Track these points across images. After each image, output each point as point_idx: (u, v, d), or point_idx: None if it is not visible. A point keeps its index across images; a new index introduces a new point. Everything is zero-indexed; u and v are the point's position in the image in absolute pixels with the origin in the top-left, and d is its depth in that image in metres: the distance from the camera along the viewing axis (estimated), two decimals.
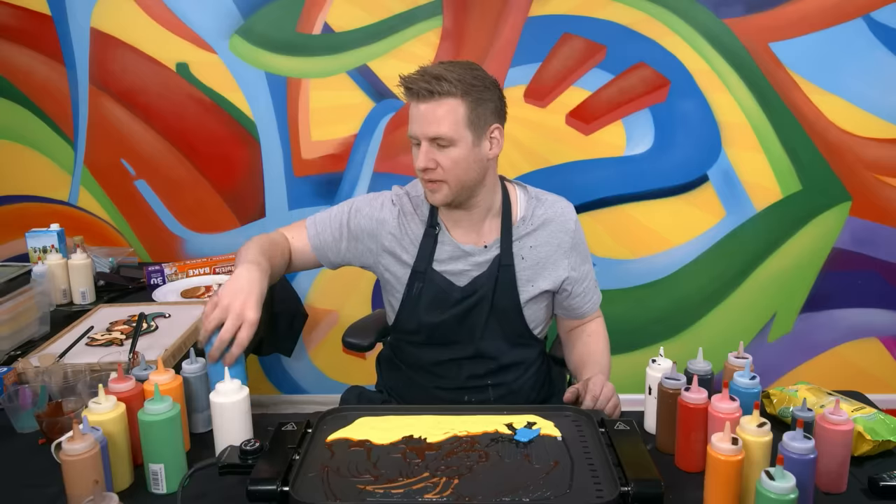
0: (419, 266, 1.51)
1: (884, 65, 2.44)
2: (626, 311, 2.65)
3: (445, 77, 1.37)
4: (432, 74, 1.37)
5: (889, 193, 2.55)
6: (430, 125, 1.38)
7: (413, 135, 1.42)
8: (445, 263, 1.51)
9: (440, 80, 1.36)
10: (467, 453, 1.12)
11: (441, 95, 1.37)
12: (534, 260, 1.52)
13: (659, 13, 2.43)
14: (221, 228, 2.67)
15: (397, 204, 1.55)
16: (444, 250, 1.51)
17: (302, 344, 2.75)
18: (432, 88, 1.37)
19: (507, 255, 1.50)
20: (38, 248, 2.15)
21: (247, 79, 2.54)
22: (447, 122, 1.38)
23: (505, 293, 1.51)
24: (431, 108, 1.38)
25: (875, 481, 1.10)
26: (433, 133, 1.39)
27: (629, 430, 1.15)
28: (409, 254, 1.52)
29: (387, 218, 1.53)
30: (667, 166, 2.55)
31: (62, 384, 1.33)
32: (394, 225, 1.53)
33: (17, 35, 2.54)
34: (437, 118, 1.38)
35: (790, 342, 2.70)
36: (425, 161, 1.40)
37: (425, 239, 1.51)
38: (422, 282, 1.52)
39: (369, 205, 1.55)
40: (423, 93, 1.37)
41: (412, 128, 1.42)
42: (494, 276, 1.50)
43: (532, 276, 1.52)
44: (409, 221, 1.53)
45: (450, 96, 1.37)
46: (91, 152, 2.63)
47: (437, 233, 1.52)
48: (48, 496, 1.11)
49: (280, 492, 0.99)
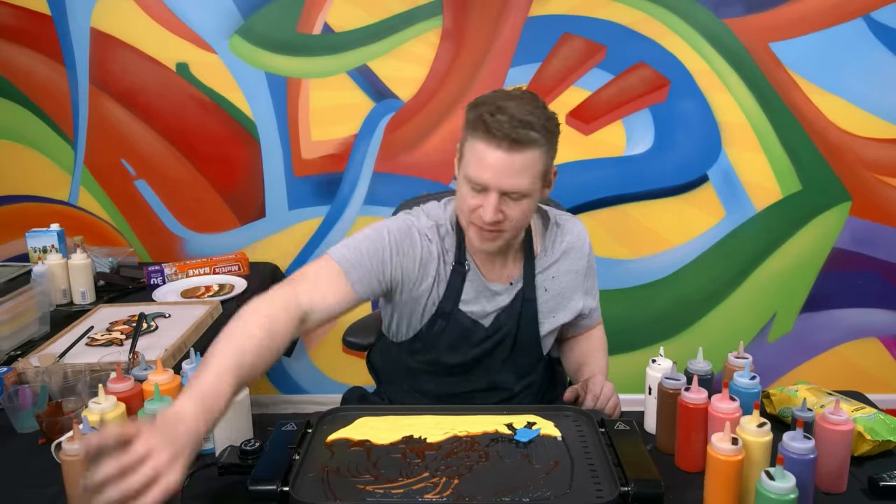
0: (445, 306, 1.40)
1: (884, 65, 2.44)
2: (626, 311, 2.65)
3: (534, 125, 1.22)
4: (520, 119, 1.20)
5: (889, 193, 2.55)
6: (509, 178, 1.23)
7: (482, 182, 1.24)
8: (472, 304, 1.41)
9: (528, 128, 1.21)
10: (467, 453, 1.12)
11: (526, 146, 1.22)
12: (555, 291, 1.47)
13: (659, 13, 2.43)
14: (221, 228, 2.67)
15: (433, 241, 1.39)
16: (472, 289, 1.41)
17: (302, 344, 2.75)
18: (519, 137, 1.21)
19: (529, 290, 1.43)
20: (38, 248, 2.15)
21: (247, 79, 2.54)
22: (528, 175, 1.24)
23: (526, 328, 1.45)
24: (513, 158, 1.22)
25: (875, 481, 1.10)
26: (511, 187, 1.24)
27: (629, 430, 1.15)
28: (439, 291, 1.40)
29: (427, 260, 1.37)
30: (667, 166, 2.55)
31: (62, 384, 1.33)
32: (433, 267, 1.38)
33: (17, 35, 2.54)
34: (517, 171, 1.23)
35: (790, 342, 2.70)
36: (494, 214, 1.25)
37: (453, 276, 1.39)
38: (445, 321, 1.41)
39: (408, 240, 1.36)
40: (509, 141, 1.21)
41: (481, 174, 1.23)
42: (518, 311, 1.43)
43: (553, 307, 1.47)
44: (446, 261, 1.40)
45: (534, 147, 1.23)
46: (91, 152, 2.63)
47: (467, 271, 1.40)
48: (48, 496, 1.11)
49: (280, 492, 0.99)
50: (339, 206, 2.62)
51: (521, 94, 1.27)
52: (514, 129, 1.21)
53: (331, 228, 2.63)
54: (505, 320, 1.43)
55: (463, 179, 1.29)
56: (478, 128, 1.23)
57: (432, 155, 2.57)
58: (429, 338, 1.44)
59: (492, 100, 1.25)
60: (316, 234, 2.64)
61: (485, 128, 1.22)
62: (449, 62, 2.49)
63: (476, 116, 1.24)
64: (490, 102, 1.24)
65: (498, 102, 1.23)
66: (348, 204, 2.62)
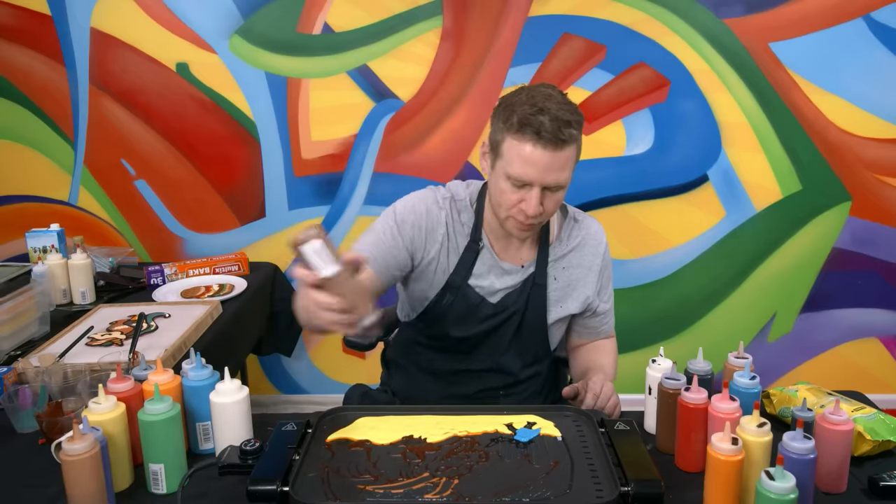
0: (455, 280, 1.46)
1: (884, 65, 2.44)
2: (626, 311, 2.65)
3: (573, 124, 1.29)
4: (563, 120, 1.27)
5: (889, 193, 2.55)
6: (552, 173, 1.30)
7: (527, 179, 1.30)
8: (481, 278, 1.47)
9: (569, 127, 1.28)
10: (467, 453, 1.12)
11: (568, 143, 1.29)
12: (565, 281, 1.51)
13: (659, 13, 2.43)
14: (221, 228, 2.67)
15: (443, 209, 1.47)
16: (483, 265, 1.47)
17: (302, 344, 2.75)
18: (564, 136, 1.28)
19: (541, 275, 1.48)
20: (38, 248, 2.15)
21: (247, 79, 2.54)
22: (567, 169, 1.32)
23: (534, 312, 1.50)
24: (557, 156, 1.29)
25: (875, 481, 1.10)
26: (555, 182, 1.32)
27: (629, 430, 1.15)
28: (450, 264, 1.47)
29: (434, 226, 1.46)
30: (667, 166, 2.55)
31: (62, 384, 1.33)
32: (441, 234, 1.46)
33: (17, 35, 2.54)
34: (561, 166, 1.30)
35: (790, 342, 2.70)
36: (537, 208, 1.32)
37: (466, 252, 1.46)
38: (454, 295, 1.47)
39: (413, 212, 1.46)
40: (555, 140, 1.27)
41: (527, 172, 1.30)
42: (527, 294, 1.48)
43: (561, 297, 1.51)
44: (454, 232, 1.47)
45: (574, 143, 1.31)
46: (91, 152, 2.63)
47: (481, 248, 1.47)
48: (48, 496, 1.11)
49: (280, 492, 0.99)
50: (339, 206, 2.62)
51: (551, 92, 1.32)
52: (559, 129, 1.27)
53: (331, 228, 2.64)
54: (513, 300, 1.48)
55: (502, 176, 1.34)
56: (522, 129, 1.28)
57: (432, 155, 2.57)
58: (437, 310, 1.49)
59: (528, 99, 1.30)
60: None
61: (530, 129, 1.27)
62: (449, 62, 2.49)
63: (519, 119, 1.29)
64: (528, 102, 1.30)
65: (538, 103, 1.29)
66: (348, 204, 2.62)
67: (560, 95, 1.33)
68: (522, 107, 1.29)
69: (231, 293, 2.10)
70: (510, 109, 1.31)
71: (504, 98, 1.36)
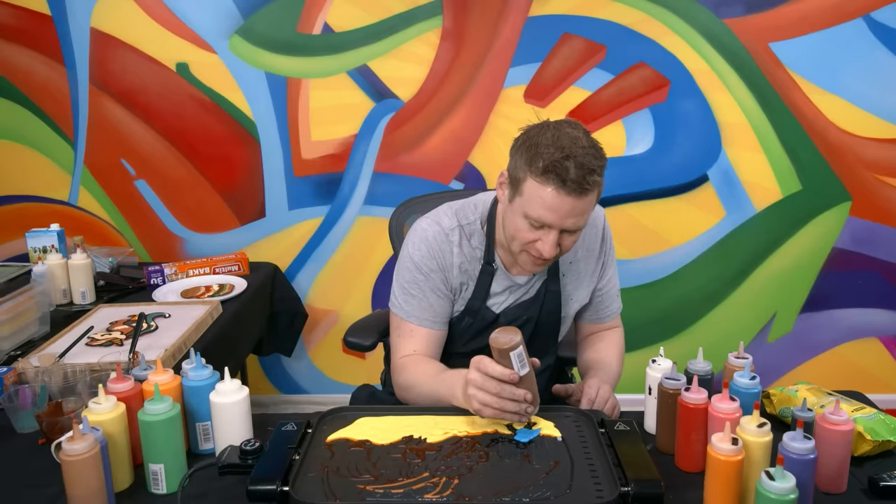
0: (473, 304, 1.47)
1: (884, 65, 2.44)
2: (627, 311, 2.61)
3: (597, 171, 1.27)
4: (589, 168, 1.25)
5: (889, 193, 2.55)
6: (573, 219, 1.29)
7: (546, 222, 1.29)
8: (497, 297, 1.49)
9: (594, 175, 1.26)
10: (467, 453, 1.12)
11: (591, 191, 1.28)
12: (573, 276, 1.52)
13: (659, 13, 2.43)
14: (221, 228, 2.67)
15: (453, 241, 1.45)
16: (499, 286, 1.48)
17: (302, 344, 2.75)
18: (589, 185, 1.26)
19: (553, 282, 1.49)
20: (38, 248, 2.15)
21: (247, 79, 2.54)
22: (588, 213, 1.32)
23: (548, 318, 1.51)
24: (579, 203, 1.27)
25: (875, 481, 1.10)
26: (574, 227, 1.30)
27: (629, 430, 1.15)
28: (468, 289, 1.47)
29: (447, 266, 1.45)
30: (667, 166, 2.55)
31: (62, 384, 1.33)
32: (455, 273, 1.45)
33: (17, 35, 2.54)
34: (581, 212, 1.29)
35: (790, 342, 2.70)
36: (553, 250, 1.31)
37: (482, 276, 1.46)
38: (472, 318, 1.48)
39: (427, 254, 1.44)
40: (579, 190, 1.25)
41: (547, 215, 1.28)
42: (541, 301, 1.49)
43: (571, 291, 1.52)
44: (469, 257, 1.46)
45: (596, 188, 1.29)
46: (91, 152, 2.63)
47: (495, 270, 1.47)
48: (48, 496, 1.11)
49: (280, 492, 1.00)
50: (339, 206, 2.62)
51: (578, 135, 1.28)
52: (584, 178, 1.25)
53: (331, 228, 2.64)
54: (526, 308, 1.49)
55: (520, 213, 1.32)
56: (547, 173, 1.25)
57: (432, 155, 2.57)
58: (454, 332, 1.51)
59: (555, 142, 1.26)
60: (316, 234, 2.64)
61: (556, 176, 1.25)
62: (449, 62, 2.49)
63: (546, 163, 1.25)
64: (554, 146, 1.26)
65: (565, 150, 1.25)
66: (348, 204, 2.62)
67: (586, 138, 1.29)
68: (548, 149, 1.26)
69: (231, 293, 2.10)
70: (535, 150, 1.27)
71: (528, 133, 1.32)
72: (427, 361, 1.42)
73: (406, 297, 1.46)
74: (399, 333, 1.47)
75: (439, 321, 1.46)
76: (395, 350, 1.48)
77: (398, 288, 1.47)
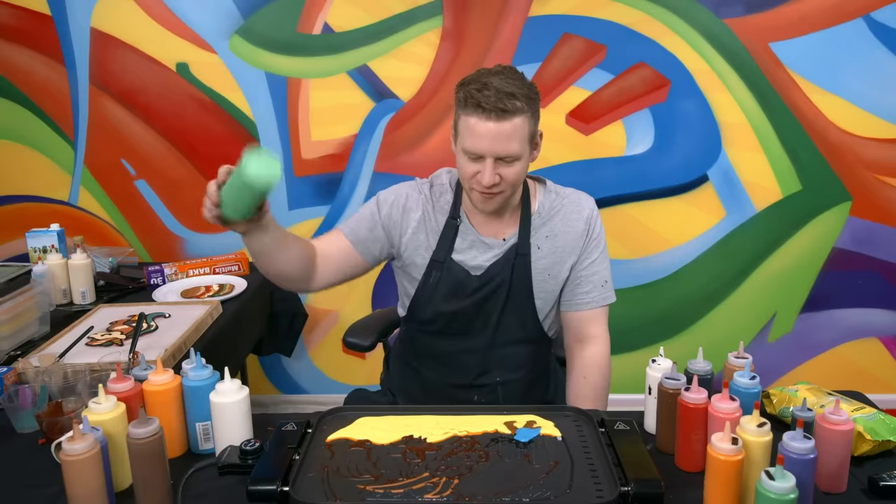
0: (438, 255, 1.52)
1: (884, 65, 2.44)
2: (626, 311, 2.65)
3: (517, 95, 1.35)
4: (505, 92, 1.35)
5: (889, 193, 2.55)
6: (501, 144, 1.36)
7: (477, 151, 1.38)
8: (464, 253, 1.52)
9: (512, 99, 1.35)
10: (467, 453, 1.12)
11: (513, 114, 1.35)
12: (550, 250, 1.53)
13: (659, 13, 2.43)
14: (221, 228, 2.65)
15: (422, 193, 1.56)
16: (465, 241, 1.52)
17: (302, 344, 2.75)
18: (506, 107, 1.34)
19: (524, 245, 1.51)
20: (38, 248, 2.15)
21: (247, 79, 2.54)
22: (517, 140, 1.37)
23: (520, 284, 1.52)
24: (503, 126, 1.35)
25: (875, 481, 1.10)
26: (504, 152, 1.37)
27: (629, 430, 1.15)
28: (431, 242, 1.53)
29: (412, 206, 1.54)
30: (667, 166, 2.55)
31: (62, 384, 1.33)
32: (418, 214, 1.53)
33: (17, 35, 2.54)
34: (508, 137, 1.36)
35: (790, 342, 2.70)
36: (492, 178, 1.39)
37: (446, 229, 1.52)
38: (440, 271, 1.52)
39: (394, 194, 1.56)
40: (497, 112, 1.34)
41: (476, 143, 1.37)
42: (511, 264, 1.51)
43: (548, 265, 1.53)
44: (433, 211, 1.54)
45: (520, 114, 1.36)
46: (91, 152, 2.63)
47: (459, 224, 1.53)
48: (48, 496, 1.11)
49: (280, 492, 0.99)
50: (339, 206, 2.62)
51: (501, 70, 1.41)
52: (501, 100, 1.34)
53: (331, 228, 2.63)
54: (497, 271, 1.52)
55: (460, 151, 1.43)
56: (468, 104, 1.37)
57: (432, 155, 2.57)
58: (427, 291, 1.54)
59: (477, 77, 1.39)
60: (316, 234, 2.64)
61: (474, 103, 1.36)
62: (449, 62, 2.49)
63: (465, 94, 1.37)
64: (476, 80, 1.38)
65: (483, 79, 1.37)
66: (348, 204, 2.62)
67: (511, 72, 1.40)
68: (471, 84, 1.37)
69: (231, 293, 2.10)
70: (462, 90, 1.39)
71: (462, 79, 1.43)
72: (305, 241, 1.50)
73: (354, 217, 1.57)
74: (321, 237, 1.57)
75: (356, 239, 1.53)
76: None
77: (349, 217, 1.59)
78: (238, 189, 1.21)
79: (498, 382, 1.57)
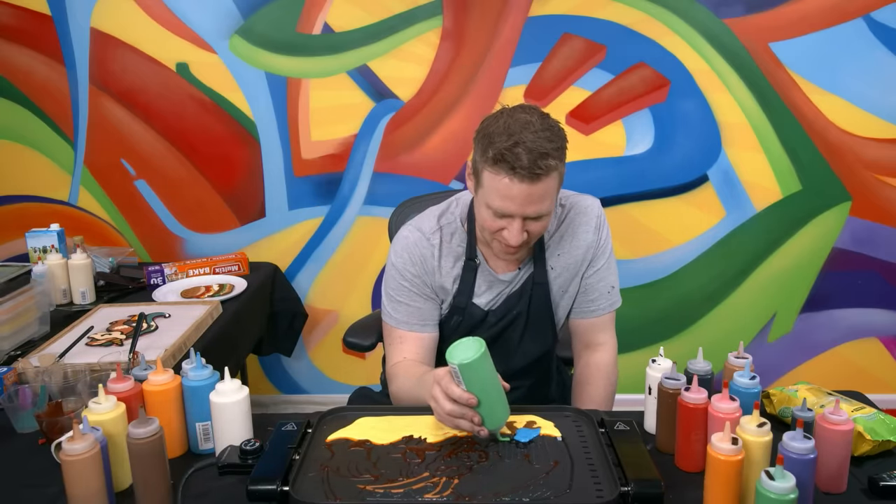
0: (460, 301, 1.47)
1: (884, 65, 2.44)
2: (627, 311, 2.61)
3: (550, 154, 1.25)
4: (539, 153, 1.23)
5: (889, 193, 2.55)
6: (532, 205, 1.28)
7: (506, 212, 1.29)
8: (483, 296, 1.48)
9: (546, 159, 1.24)
10: (467, 453, 1.12)
11: (546, 174, 1.25)
12: (563, 268, 1.49)
13: (659, 13, 2.43)
14: (221, 228, 2.67)
15: (434, 244, 1.46)
16: (483, 282, 1.47)
17: (302, 344, 2.75)
18: (541, 169, 1.24)
19: (540, 274, 1.47)
20: (38, 248, 2.15)
21: (247, 79, 2.54)
22: (548, 198, 1.29)
23: (540, 308, 1.49)
24: (535, 189, 1.26)
25: (875, 481, 1.10)
26: (535, 213, 1.29)
27: (629, 430, 1.15)
28: (453, 287, 1.47)
29: (426, 255, 1.45)
30: (667, 166, 2.55)
31: (62, 384, 1.33)
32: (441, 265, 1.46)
33: (17, 35, 2.54)
34: (538, 198, 1.27)
35: (790, 342, 2.70)
36: (519, 238, 1.31)
37: (465, 273, 1.46)
38: (461, 315, 1.48)
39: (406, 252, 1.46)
40: (531, 175, 1.24)
41: (506, 206, 1.27)
42: (528, 295, 1.48)
43: (562, 283, 1.50)
44: (448, 256, 1.46)
45: (552, 172, 1.27)
46: (91, 152, 2.63)
47: (478, 265, 1.46)
48: (48, 496, 1.11)
49: (280, 492, 1.00)
50: (339, 206, 2.62)
51: (530, 119, 1.27)
52: (535, 163, 1.24)
53: (331, 228, 2.64)
54: (514, 302, 1.48)
55: (483, 204, 1.32)
56: (498, 163, 1.25)
57: (432, 155, 2.57)
58: (446, 330, 1.50)
59: (505, 129, 1.26)
60: (316, 234, 2.65)
61: (506, 165, 1.24)
62: (449, 62, 2.49)
63: (495, 152, 1.25)
64: (505, 133, 1.25)
65: (514, 136, 1.24)
66: (348, 204, 2.62)
67: (539, 121, 1.28)
68: (499, 138, 1.25)
69: (231, 293, 2.10)
70: (488, 140, 1.27)
71: (484, 124, 1.32)
72: (414, 366, 1.42)
73: (393, 304, 1.47)
74: (390, 341, 1.49)
75: (428, 324, 1.47)
76: (388, 358, 1.49)
77: (385, 297, 1.49)
78: (479, 382, 1.13)
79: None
